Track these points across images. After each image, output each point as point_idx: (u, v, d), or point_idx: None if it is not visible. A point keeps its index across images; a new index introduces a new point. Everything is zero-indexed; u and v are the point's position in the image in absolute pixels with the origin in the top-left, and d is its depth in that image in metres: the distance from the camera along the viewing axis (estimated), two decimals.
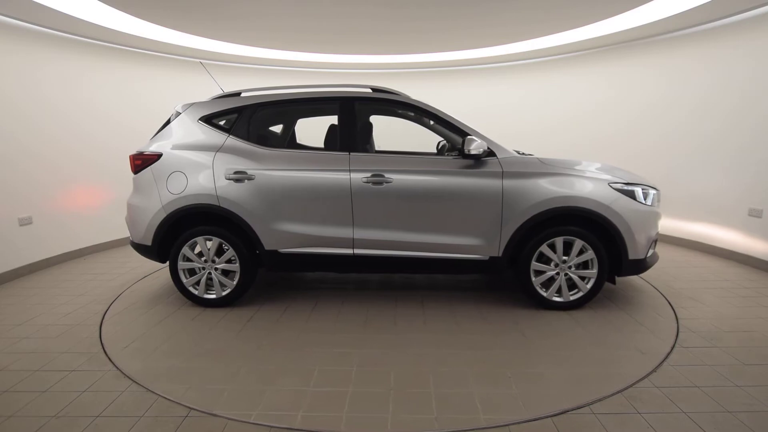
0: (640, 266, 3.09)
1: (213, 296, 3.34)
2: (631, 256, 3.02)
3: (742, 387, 2.19)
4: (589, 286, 3.11)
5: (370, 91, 3.33)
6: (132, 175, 3.43)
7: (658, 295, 3.46)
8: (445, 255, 3.14)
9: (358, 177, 3.09)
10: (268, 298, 3.59)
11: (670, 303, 3.30)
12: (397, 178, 3.09)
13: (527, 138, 6.21)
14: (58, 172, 4.68)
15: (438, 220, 3.11)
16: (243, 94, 3.45)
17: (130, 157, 3.43)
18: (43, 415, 2.04)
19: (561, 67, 6.17)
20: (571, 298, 3.14)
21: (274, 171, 3.17)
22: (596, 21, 4.68)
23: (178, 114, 3.43)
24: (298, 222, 3.17)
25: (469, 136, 3.01)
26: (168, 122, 3.47)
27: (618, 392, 2.15)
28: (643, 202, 3.04)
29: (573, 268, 3.10)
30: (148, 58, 5.61)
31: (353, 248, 3.17)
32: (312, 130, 4.04)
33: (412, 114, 3.42)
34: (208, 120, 3.36)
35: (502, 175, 3.03)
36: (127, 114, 5.42)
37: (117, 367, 2.46)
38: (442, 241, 3.12)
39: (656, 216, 3.14)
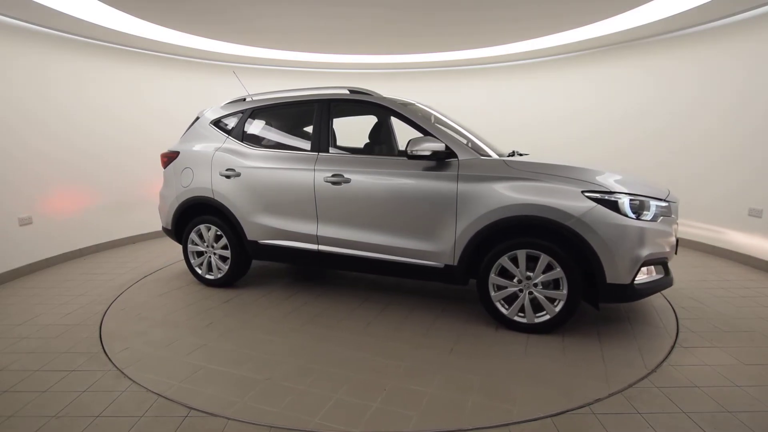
0: (624, 293, 2.56)
1: (211, 277, 3.81)
2: (610, 279, 2.52)
3: (742, 387, 2.19)
4: (557, 309, 2.68)
5: (347, 92, 3.41)
6: (162, 170, 4.04)
7: (659, 324, 2.89)
8: (400, 259, 3.04)
9: (321, 176, 3.21)
10: (263, 284, 3.89)
11: (670, 303, 3.30)
12: (355, 179, 3.12)
13: (528, 137, 6.22)
14: (59, 173, 4.68)
15: (393, 222, 3.02)
16: (247, 99, 3.83)
17: (161, 154, 4.04)
18: (43, 415, 2.04)
19: (561, 66, 6.16)
20: (537, 320, 2.75)
21: (255, 169, 3.49)
22: (596, 21, 4.68)
23: (197, 118, 3.99)
24: (274, 216, 3.44)
25: (413, 137, 2.88)
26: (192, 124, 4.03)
27: (618, 392, 2.15)
28: (629, 214, 2.52)
29: (540, 287, 2.70)
30: (151, 59, 5.61)
31: (318, 244, 3.32)
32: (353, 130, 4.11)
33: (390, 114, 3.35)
34: (216, 123, 3.83)
35: (457, 178, 2.82)
36: (127, 115, 5.42)
37: (117, 367, 2.46)
38: (397, 244, 3.02)
39: (652, 233, 2.56)
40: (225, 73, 6.32)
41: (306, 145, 3.48)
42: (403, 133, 4.07)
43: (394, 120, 3.86)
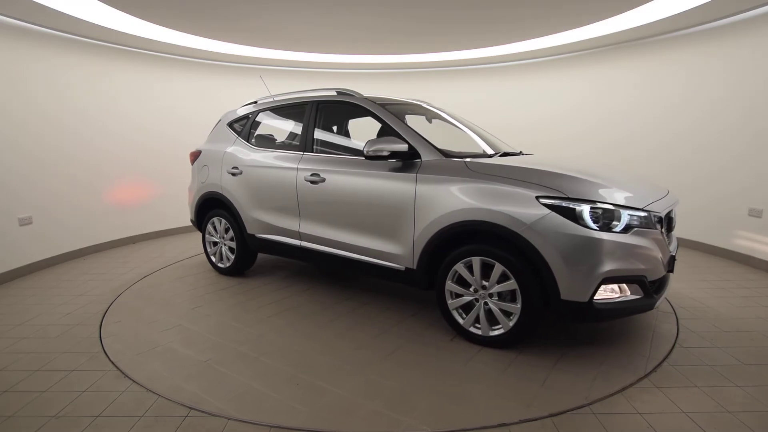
0: (581, 312, 2.29)
1: (222, 266, 4.13)
2: (565, 295, 2.27)
3: (742, 387, 2.19)
4: (511, 323, 2.47)
5: (335, 94, 3.46)
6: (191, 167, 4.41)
7: (644, 351, 2.51)
8: (367, 259, 3.04)
9: (303, 175, 3.34)
10: (266, 275, 4.15)
11: (670, 303, 3.30)
12: (329, 178, 3.19)
13: (528, 136, 6.21)
14: (58, 172, 4.68)
15: (361, 221, 3.03)
16: (258, 102, 4.07)
17: (190, 153, 4.40)
18: (43, 415, 2.04)
19: (560, 66, 6.16)
20: (491, 333, 2.56)
21: (253, 167, 3.71)
22: (597, 21, 4.68)
23: (219, 120, 4.30)
24: (266, 212, 3.64)
25: (371, 138, 2.87)
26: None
27: (618, 392, 2.15)
28: (589, 224, 2.23)
29: (495, 298, 2.51)
30: (143, 57, 5.62)
31: (300, 240, 3.46)
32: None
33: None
34: (231, 124, 4.13)
35: (416, 179, 2.74)
36: (132, 117, 5.42)
37: (117, 367, 2.46)
38: (364, 244, 3.02)
39: (618, 246, 2.23)
40: (237, 74, 6.33)
41: (298, 145, 3.59)
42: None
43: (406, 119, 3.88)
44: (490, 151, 3.26)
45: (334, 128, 3.88)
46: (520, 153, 3.41)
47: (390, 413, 2.03)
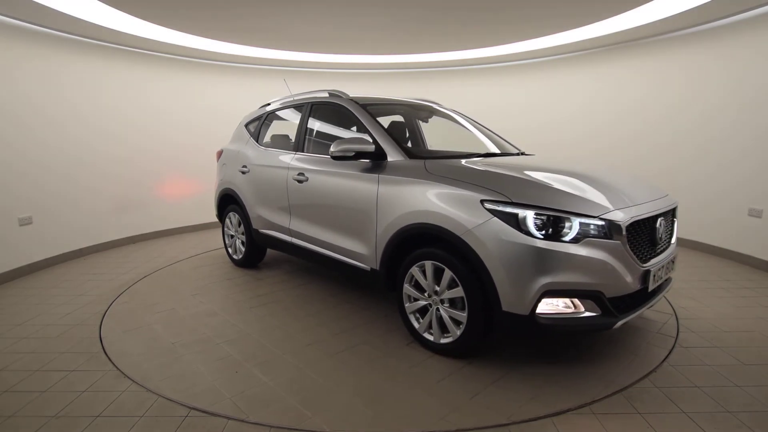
0: (524, 326, 2.12)
1: (236, 258, 4.39)
2: (506, 306, 2.13)
3: (742, 387, 2.19)
4: (459, 332, 2.37)
5: (327, 95, 3.52)
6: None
7: (612, 375, 2.24)
8: (340, 257, 3.07)
9: (292, 174, 3.46)
10: (275, 269, 4.33)
11: (670, 303, 3.30)
12: (312, 178, 3.28)
13: (529, 135, 6.21)
14: (58, 172, 4.68)
15: (336, 220, 3.07)
16: (271, 103, 4.24)
17: (216, 152, 4.71)
18: (43, 415, 2.04)
19: (560, 66, 6.16)
20: (442, 341, 2.47)
21: (258, 166, 3.90)
22: (600, 20, 4.68)
23: (240, 122, 4.50)
24: (266, 208, 3.80)
25: (338, 139, 2.83)
26: None
27: (618, 392, 2.15)
28: (533, 232, 2.06)
29: (446, 304, 2.42)
30: (142, 57, 5.62)
31: (291, 237, 3.58)
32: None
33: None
34: (247, 126, 4.35)
35: (378, 180, 2.73)
36: (127, 116, 5.42)
37: (117, 367, 2.47)
38: (338, 242, 3.06)
39: (563, 257, 2.03)
40: (244, 74, 6.34)
41: (293, 144, 3.70)
42: (432, 136, 4.06)
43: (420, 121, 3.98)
44: (495, 151, 3.27)
45: (327, 129, 3.88)
46: (519, 153, 3.41)
47: (302, 409, 2.06)
